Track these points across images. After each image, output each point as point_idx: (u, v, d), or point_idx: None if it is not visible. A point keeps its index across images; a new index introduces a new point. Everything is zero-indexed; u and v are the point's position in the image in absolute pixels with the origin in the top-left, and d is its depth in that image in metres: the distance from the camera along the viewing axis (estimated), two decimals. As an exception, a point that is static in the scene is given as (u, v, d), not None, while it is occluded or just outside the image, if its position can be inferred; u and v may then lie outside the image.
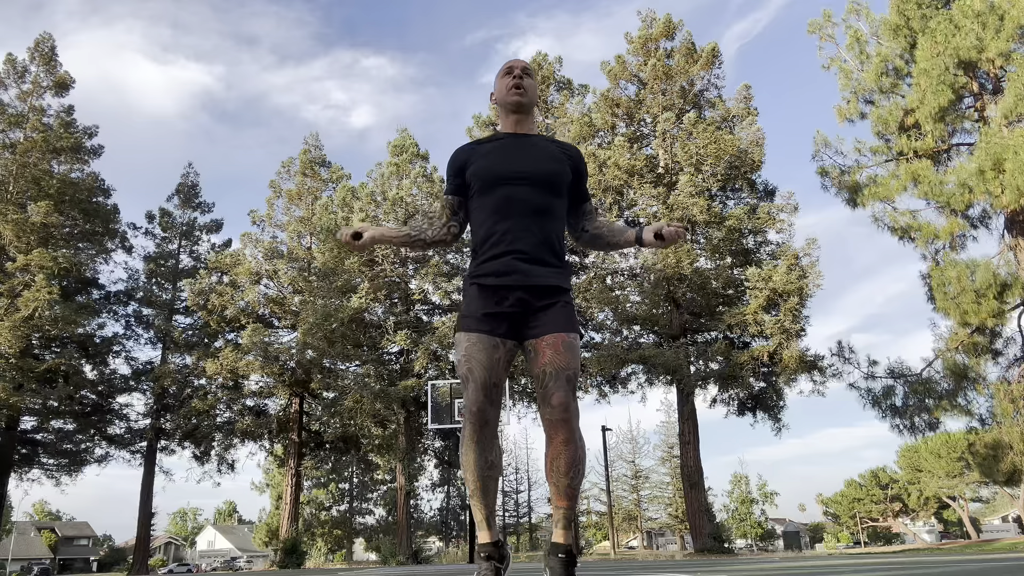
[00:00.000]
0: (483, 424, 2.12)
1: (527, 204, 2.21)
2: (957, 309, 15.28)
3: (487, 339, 2.14)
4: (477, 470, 2.13)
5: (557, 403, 2.06)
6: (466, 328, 2.16)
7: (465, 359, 2.14)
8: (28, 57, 26.52)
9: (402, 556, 24.41)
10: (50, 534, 62.28)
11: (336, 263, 25.35)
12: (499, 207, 2.22)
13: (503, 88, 2.38)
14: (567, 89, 27.37)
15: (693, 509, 21.74)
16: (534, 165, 2.26)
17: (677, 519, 48.00)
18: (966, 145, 17.17)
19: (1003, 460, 15.83)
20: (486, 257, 2.21)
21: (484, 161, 2.28)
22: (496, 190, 2.23)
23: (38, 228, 23.56)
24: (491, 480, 2.16)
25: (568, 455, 2.07)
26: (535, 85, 2.41)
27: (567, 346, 2.11)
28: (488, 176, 2.24)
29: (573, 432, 2.08)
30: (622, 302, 22.71)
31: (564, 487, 2.09)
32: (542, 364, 2.10)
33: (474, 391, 2.11)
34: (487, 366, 2.11)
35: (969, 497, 52.18)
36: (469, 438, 2.12)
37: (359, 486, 50.64)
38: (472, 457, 2.12)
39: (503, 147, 2.32)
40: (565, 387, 2.07)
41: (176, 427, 26.32)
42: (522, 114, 2.38)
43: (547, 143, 2.38)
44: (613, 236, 2.38)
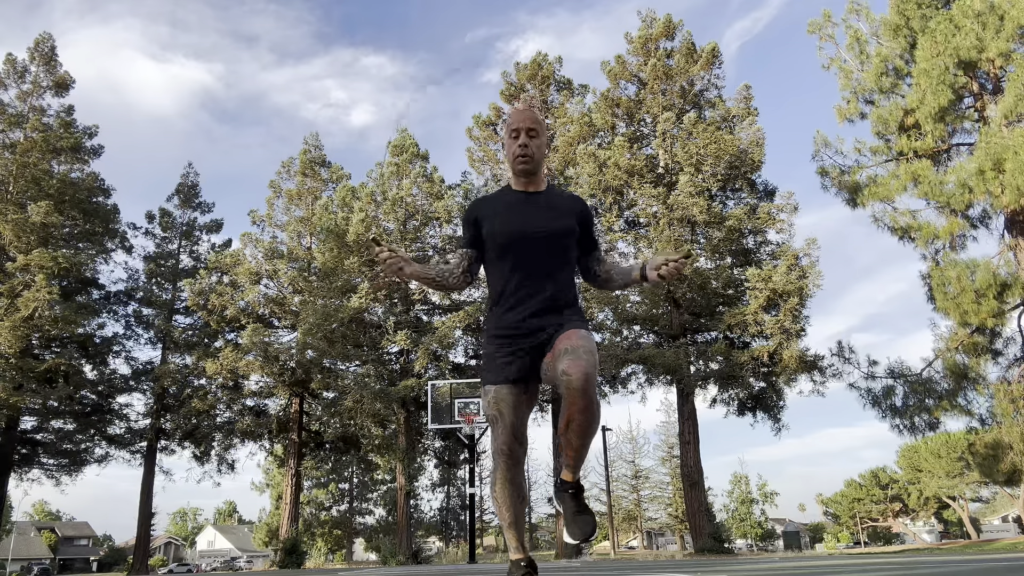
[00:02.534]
0: (513, 461, 2.34)
1: (539, 263, 2.37)
2: (957, 309, 15.28)
3: (512, 387, 2.34)
4: (512, 506, 2.36)
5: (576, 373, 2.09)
6: (492, 380, 2.36)
7: (494, 402, 2.34)
8: (28, 57, 26.53)
9: (402, 556, 24.41)
10: (50, 534, 62.29)
11: (336, 263, 25.34)
12: (513, 267, 2.38)
13: (509, 153, 2.49)
14: (567, 89, 27.38)
15: (693, 509, 21.75)
16: (545, 225, 2.40)
17: (677, 519, 48.00)
18: (966, 145, 17.18)
19: (1003, 460, 15.83)
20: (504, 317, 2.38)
21: (498, 221, 2.42)
22: (510, 251, 2.38)
23: (38, 228, 23.56)
24: (522, 511, 2.40)
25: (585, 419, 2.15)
26: (542, 144, 2.50)
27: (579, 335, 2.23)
28: (502, 238, 2.39)
29: (592, 401, 2.14)
30: (622, 302, 22.72)
31: (578, 446, 2.23)
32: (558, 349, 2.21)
33: (503, 432, 2.31)
34: (514, 407, 2.32)
35: (969, 497, 52.20)
36: (502, 477, 2.34)
37: (359, 486, 50.66)
38: (507, 494, 2.34)
39: (515, 207, 2.45)
40: (585, 358, 2.13)
41: (176, 427, 26.31)
42: (530, 176, 2.49)
43: (555, 198, 2.51)
44: (621, 277, 2.54)
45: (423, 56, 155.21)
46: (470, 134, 28.37)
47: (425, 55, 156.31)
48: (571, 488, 2.34)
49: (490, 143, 27.93)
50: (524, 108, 2.51)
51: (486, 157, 27.97)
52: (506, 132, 2.53)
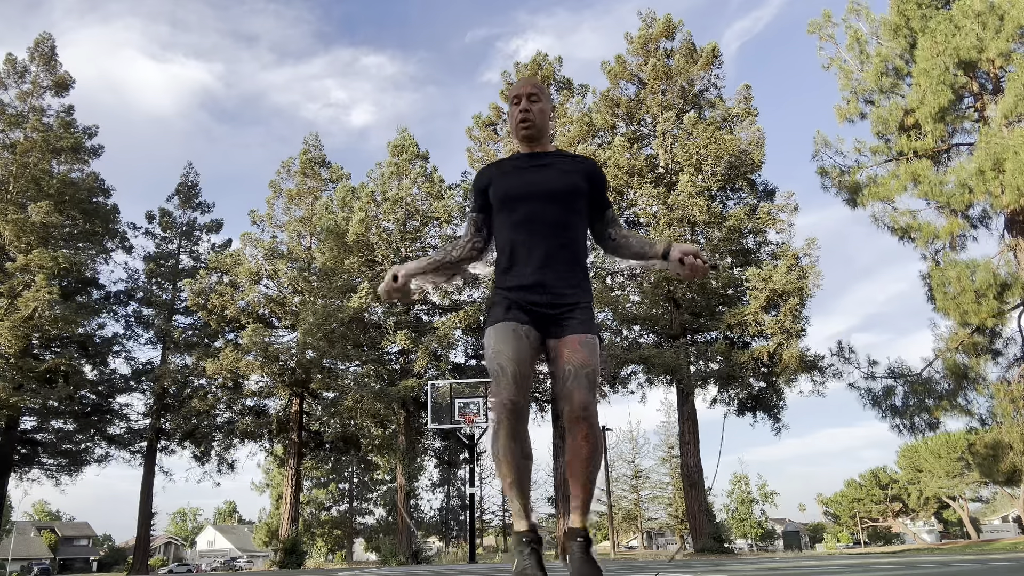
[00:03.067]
0: (517, 416, 2.18)
1: (546, 220, 2.34)
2: (957, 309, 15.28)
3: (512, 327, 2.23)
4: (514, 461, 2.19)
5: (578, 402, 2.15)
6: (493, 321, 2.28)
7: (494, 354, 2.22)
8: (28, 57, 26.53)
9: (402, 556, 24.41)
10: (50, 534, 62.27)
11: (336, 263, 25.34)
12: (520, 224, 2.35)
13: (512, 120, 2.50)
14: (567, 89, 27.36)
15: (693, 509, 21.75)
16: (551, 182, 2.38)
17: (677, 519, 48.00)
18: (966, 145, 17.18)
19: (1003, 460, 15.83)
20: (510, 274, 2.34)
21: (504, 181, 2.42)
22: (517, 208, 2.36)
23: (38, 228, 23.56)
24: (526, 470, 2.23)
25: (587, 450, 2.17)
26: (545, 108, 2.50)
27: (585, 345, 2.21)
28: (508, 195, 2.38)
29: (592, 428, 2.17)
30: (622, 302, 22.71)
31: (583, 480, 2.20)
32: (561, 364, 2.20)
33: (506, 384, 2.17)
34: (516, 359, 2.19)
35: (969, 497, 52.21)
36: (505, 431, 2.18)
37: (359, 486, 50.66)
38: (508, 449, 2.18)
39: (520, 167, 2.45)
40: (585, 385, 2.16)
41: (176, 427, 26.30)
42: (534, 141, 2.49)
43: (563, 159, 2.49)
44: (640, 247, 2.45)
45: (423, 56, 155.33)
46: (470, 134, 28.37)
47: (425, 54, 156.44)
48: (580, 536, 2.21)
49: (490, 143, 27.92)
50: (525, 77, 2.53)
51: (486, 157, 27.96)
52: (509, 101, 2.54)
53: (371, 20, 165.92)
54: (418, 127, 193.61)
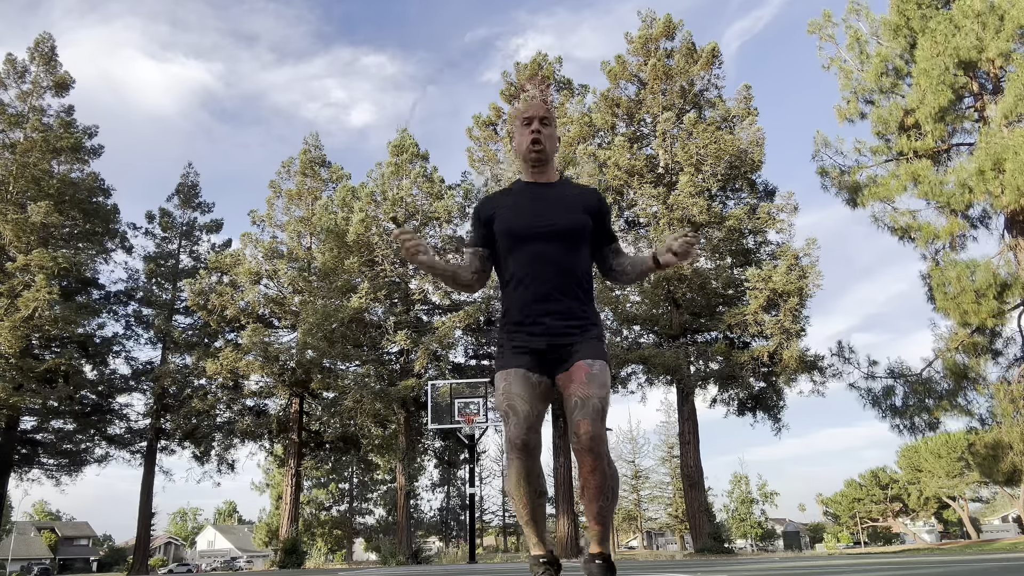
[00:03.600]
0: (529, 455, 2.21)
1: (552, 258, 2.31)
2: (957, 309, 15.28)
3: (523, 373, 2.24)
4: (530, 502, 2.23)
5: (583, 432, 2.13)
6: (503, 366, 2.28)
7: (504, 396, 2.23)
8: (28, 57, 26.53)
9: (402, 556, 24.41)
10: (50, 534, 62.28)
11: (336, 263, 25.33)
12: (525, 263, 2.33)
13: (521, 143, 2.45)
14: (567, 89, 27.37)
15: (693, 509, 21.75)
16: (557, 219, 2.35)
17: (677, 519, 48.02)
18: (966, 145, 17.18)
19: (1003, 460, 15.82)
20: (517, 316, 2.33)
21: (509, 216, 2.38)
22: (522, 247, 2.34)
23: (38, 228, 23.56)
24: (541, 507, 2.27)
25: (596, 482, 2.15)
26: (554, 134, 2.48)
27: (591, 377, 2.20)
28: (513, 234, 2.35)
29: (601, 459, 2.15)
30: (622, 302, 22.72)
31: (595, 512, 2.19)
32: (569, 394, 2.20)
33: (516, 425, 2.19)
34: (526, 399, 2.21)
35: (969, 497, 52.21)
36: (518, 472, 2.20)
37: (359, 486, 50.66)
38: (523, 491, 2.21)
39: (526, 201, 2.41)
40: (591, 415, 2.14)
41: (176, 427, 26.30)
42: (541, 165, 2.46)
43: (568, 190, 2.46)
44: (635, 268, 2.46)
45: (423, 55, 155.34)
46: (470, 134, 28.38)
47: (425, 54, 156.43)
48: (600, 559, 2.20)
49: (490, 143, 27.93)
50: (536, 98, 2.50)
51: (486, 157, 27.97)
52: (518, 122, 2.50)
53: (371, 20, 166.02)
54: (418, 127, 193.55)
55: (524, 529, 2.29)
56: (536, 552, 2.26)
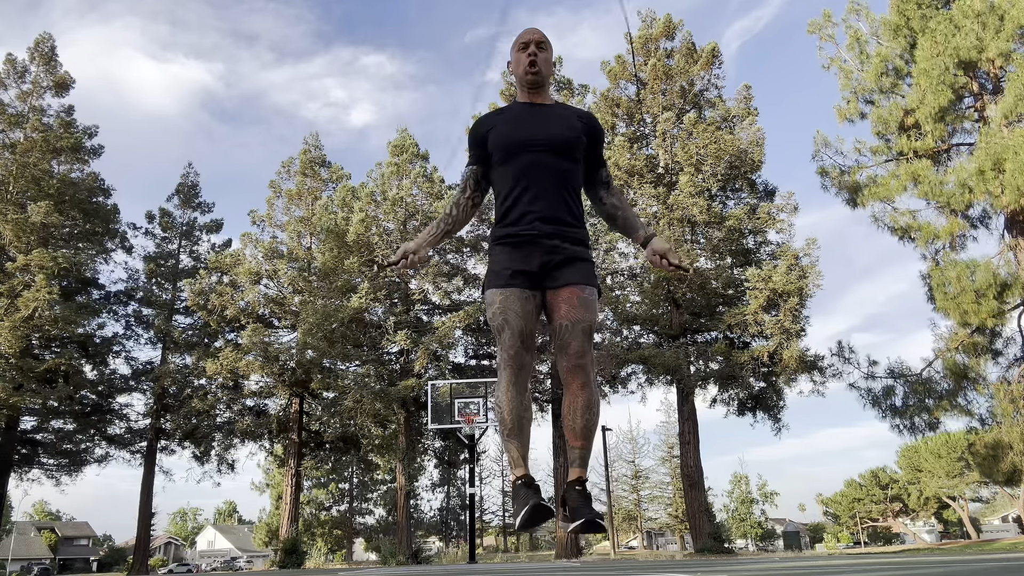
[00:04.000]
0: (520, 368, 2.25)
1: (546, 169, 2.35)
2: (957, 309, 15.28)
3: (519, 291, 2.28)
4: (514, 411, 2.25)
5: (574, 351, 2.21)
6: (497, 285, 2.30)
7: (500, 310, 2.27)
8: (28, 57, 26.54)
9: (402, 556, 24.41)
10: (50, 534, 62.28)
11: (336, 263, 25.34)
12: (520, 173, 2.36)
13: (518, 65, 2.50)
14: (567, 89, 27.37)
15: (693, 509, 21.75)
16: (551, 132, 2.39)
17: (677, 519, 48.01)
18: (966, 145, 17.18)
19: (1003, 460, 15.82)
20: (510, 220, 2.36)
21: (504, 129, 2.42)
22: (516, 157, 2.37)
23: (38, 228, 23.56)
24: (526, 421, 2.28)
25: (584, 397, 2.21)
26: (550, 58, 2.53)
27: (582, 301, 2.26)
28: (508, 144, 2.38)
29: (589, 377, 2.23)
30: (622, 302, 22.72)
31: (580, 427, 2.23)
32: (559, 318, 2.26)
33: (510, 337, 2.24)
34: (521, 315, 2.25)
35: (969, 497, 52.19)
36: (507, 381, 2.25)
37: (359, 486, 50.66)
38: (509, 399, 2.24)
39: (521, 116, 2.45)
40: (581, 337, 2.22)
41: (176, 427, 26.30)
42: (538, 88, 2.50)
43: (563, 110, 2.50)
44: (625, 224, 2.52)
45: (423, 55, 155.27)
46: (470, 134, 28.37)
47: (425, 54, 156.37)
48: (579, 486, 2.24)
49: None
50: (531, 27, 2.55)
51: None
52: (515, 48, 2.54)
53: (371, 19, 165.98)
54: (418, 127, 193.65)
55: (505, 444, 2.29)
56: (517, 473, 2.27)
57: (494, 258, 2.37)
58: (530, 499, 2.16)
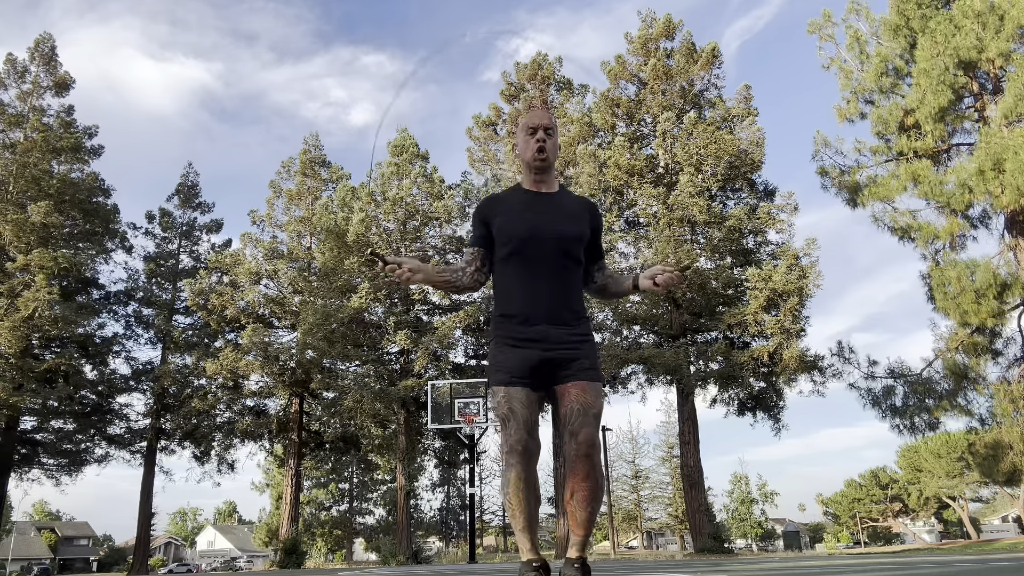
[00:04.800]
0: (528, 459, 2.25)
1: (549, 266, 2.36)
2: (957, 309, 15.27)
3: (522, 389, 2.29)
4: (527, 508, 2.26)
5: (583, 438, 2.22)
6: (502, 382, 2.30)
7: (505, 400, 2.28)
8: (28, 57, 26.54)
9: (402, 556, 24.41)
10: (50, 534, 62.28)
11: (336, 263, 25.34)
12: (523, 268, 2.37)
13: (526, 150, 2.48)
14: (567, 89, 27.37)
15: (693, 509, 21.74)
16: (557, 227, 2.39)
17: (677, 519, 48.01)
18: (966, 145, 17.18)
19: (1003, 460, 15.83)
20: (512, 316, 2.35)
21: (509, 220, 2.40)
22: (521, 251, 2.37)
23: (38, 228, 23.56)
24: (537, 513, 2.32)
25: (588, 489, 2.23)
26: (557, 142, 2.53)
27: (592, 389, 2.29)
28: (512, 237, 2.37)
29: (595, 467, 2.24)
30: (622, 302, 22.71)
31: (583, 519, 2.26)
32: (569, 402, 2.27)
33: (516, 429, 2.24)
34: (526, 404, 2.26)
35: (969, 497, 52.19)
36: (517, 476, 2.24)
37: (359, 486, 50.67)
38: (522, 496, 2.25)
39: (527, 207, 2.44)
40: (592, 423, 2.24)
41: (176, 427, 26.31)
42: (544, 173, 2.49)
43: (568, 200, 2.50)
44: (616, 286, 2.55)
45: (423, 54, 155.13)
46: (470, 134, 28.37)
47: (425, 53, 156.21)
48: (577, 564, 2.25)
49: (490, 143, 27.93)
50: (541, 107, 2.54)
51: (486, 157, 27.98)
52: (522, 131, 2.52)
53: (371, 19, 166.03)
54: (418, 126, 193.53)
55: (518, 535, 2.31)
56: (528, 556, 2.29)
57: (497, 354, 2.36)
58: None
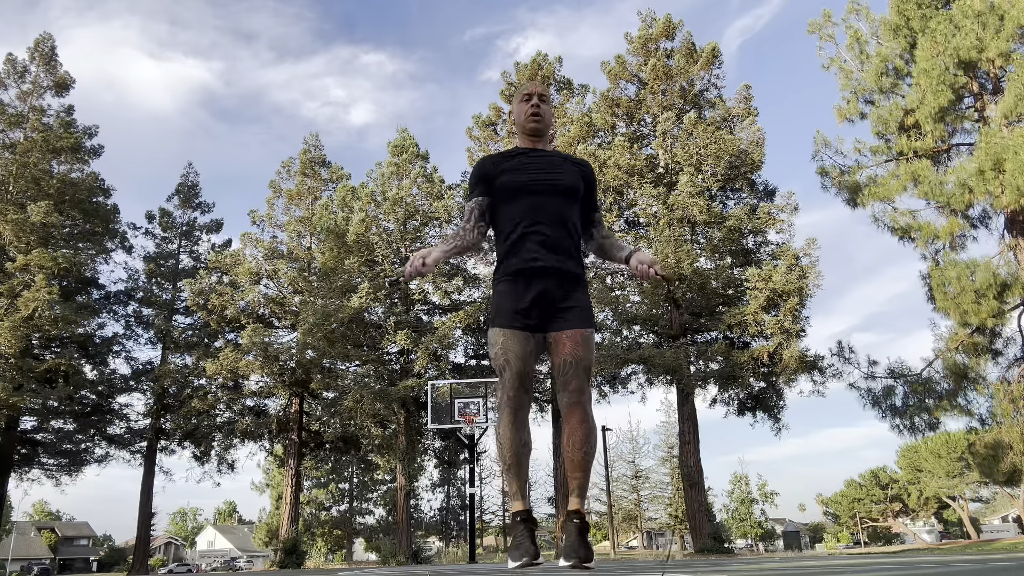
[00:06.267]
0: (519, 407, 2.41)
1: (551, 209, 2.52)
2: (957, 309, 15.27)
3: (520, 333, 2.43)
4: (513, 448, 2.41)
5: (575, 388, 2.38)
6: (500, 324, 2.45)
7: (502, 351, 2.42)
8: (28, 57, 26.53)
9: (402, 556, 24.42)
10: (50, 534, 62.28)
11: (336, 263, 25.34)
12: (526, 212, 2.52)
13: (521, 113, 2.69)
14: (567, 89, 27.37)
15: (693, 509, 21.75)
16: (555, 175, 2.58)
17: (677, 519, 47.99)
18: (966, 145, 17.17)
19: (1003, 460, 15.82)
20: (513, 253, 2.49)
21: (511, 173, 2.58)
22: (523, 198, 2.53)
23: (38, 228, 23.56)
24: (524, 457, 2.45)
25: (583, 431, 2.37)
26: (551, 110, 2.74)
27: (585, 340, 2.42)
28: (516, 186, 2.54)
29: (587, 413, 2.40)
30: (622, 302, 22.71)
31: (579, 459, 2.38)
32: (562, 355, 2.40)
33: (511, 379, 2.40)
34: (522, 356, 2.41)
35: (969, 497, 52.18)
36: (507, 420, 2.41)
37: (359, 486, 50.68)
38: (509, 437, 2.40)
39: (526, 161, 2.61)
40: (582, 375, 2.39)
41: (176, 427, 26.30)
42: (539, 137, 2.69)
43: (562, 159, 2.68)
44: (613, 251, 2.71)
45: (423, 54, 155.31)
46: (470, 134, 28.36)
47: (425, 53, 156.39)
48: (576, 518, 2.40)
49: (490, 143, 27.92)
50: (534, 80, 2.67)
51: (486, 157, 27.95)
52: (518, 98, 2.73)
53: (371, 18, 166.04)
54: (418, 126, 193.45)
55: (505, 476, 2.46)
56: (516, 507, 2.44)
57: (498, 297, 2.51)
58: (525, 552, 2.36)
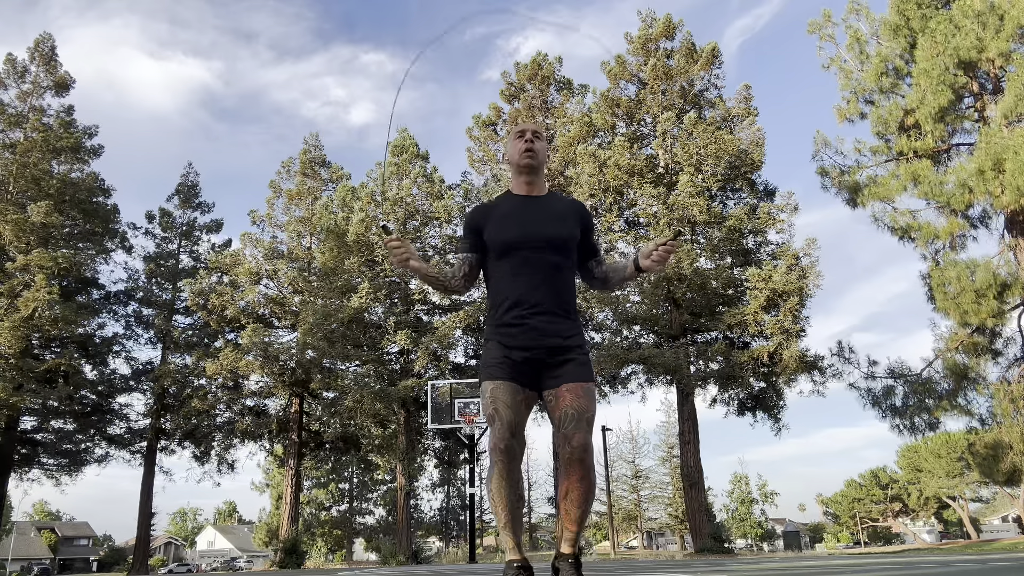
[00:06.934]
0: (511, 459, 2.30)
1: (541, 267, 2.42)
2: (957, 309, 15.28)
3: (510, 385, 2.33)
4: (508, 505, 2.32)
5: (577, 443, 2.28)
6: (490, 376, 2.36)
7: (491, 400, 2.32)
8: (28, 57, 26.54)
9: (402, 556, 24.41)
10: (50, 534, 62.28)
11: (336, 263, 25.34)
12: (515, 270, 2.42)
13: (515, 151, 2.57)
14: (567, 89, 27.37)
15: (693, 509, 21.74)
16: (547, 230, 2.45)
17: (677, 519, 48.00)
18: (966, 145, 17.17)
19: (1003, 460, 15.83)
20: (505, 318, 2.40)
21: (500, 226, 2.47)
22: (512, 255, 2.43)
23: (38, 228, 23.56)
24: (519, 511, 2.36)
25: (582, 489, 2.32)
26: (545, 148, 2.61)
27: (586, 391, 2.33)
28: (504, 242, 2.44)
29: (588, 470, 2.32)
30: (622, 302, 22.71)
31: (576, 516, 2.34)
32: (563, 407, 2.31)
33: (500, 429, 2.28)
34: (511, 406, 2.30)
35: (969, 497, 52.18)
36: (499, 474, 2.30)
37: (359, 486, 50.68)
38: (503, 493, 2.30)
39: (517, 212, 2.51)
40: (584, 428, 2.29)
41: (176, 427, 26.30)
42: (533, 175, 2.56)
43: (556, 203, 2.57)
44: (617, 274, 2.59)
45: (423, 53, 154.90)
46: (470, 134, 28.36)
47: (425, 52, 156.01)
48: (571, 559, 2.33)
49: (490, 143, 27.93)
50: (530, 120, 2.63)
51: (486, 157, 27.97)
52: (512, 135, 2.62)
53: (371, 18, 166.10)
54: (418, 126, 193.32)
55: (502, 533, 2.37)
56: (512, 557, 2.34)
57: (488, 352, 2.42)
58: None
